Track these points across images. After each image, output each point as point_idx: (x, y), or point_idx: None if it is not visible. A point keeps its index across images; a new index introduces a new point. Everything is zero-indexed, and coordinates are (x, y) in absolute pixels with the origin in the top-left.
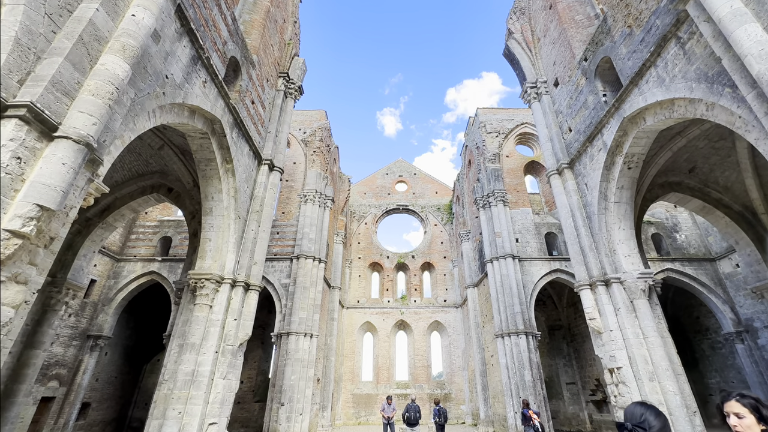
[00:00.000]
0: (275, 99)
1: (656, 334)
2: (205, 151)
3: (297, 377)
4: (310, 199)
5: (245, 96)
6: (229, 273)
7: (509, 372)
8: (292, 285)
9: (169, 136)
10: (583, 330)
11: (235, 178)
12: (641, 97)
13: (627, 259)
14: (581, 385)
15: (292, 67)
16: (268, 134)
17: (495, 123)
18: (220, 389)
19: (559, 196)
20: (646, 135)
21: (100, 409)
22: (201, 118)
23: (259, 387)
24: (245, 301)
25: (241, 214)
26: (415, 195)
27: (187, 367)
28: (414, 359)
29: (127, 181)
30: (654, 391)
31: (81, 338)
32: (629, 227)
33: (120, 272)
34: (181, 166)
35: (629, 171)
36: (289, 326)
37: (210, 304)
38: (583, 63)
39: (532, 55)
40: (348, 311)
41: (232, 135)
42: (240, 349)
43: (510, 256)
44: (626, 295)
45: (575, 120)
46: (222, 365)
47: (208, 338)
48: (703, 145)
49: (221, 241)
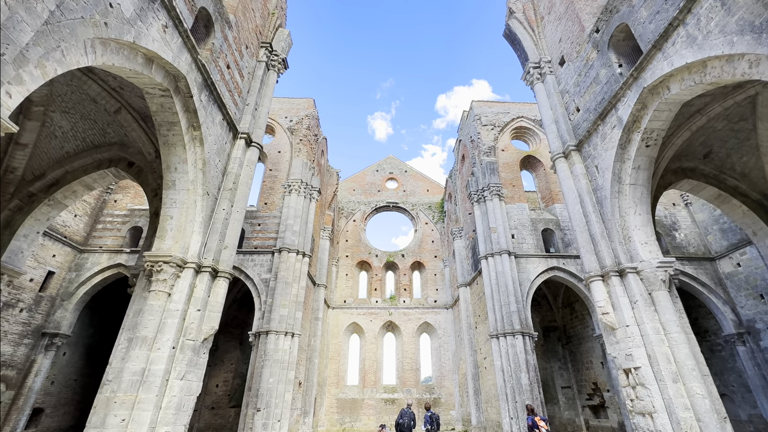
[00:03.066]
0: (256, 70)
1: (679, 330)
2: (167, 112)
3: (276, 380)
4: (295, 189)
5: (219, 57)
6: (193, 256)
7: (504, 375)
8: (273, 280)
9: (126, 97)
10: (579, 332)
11: (203, 148)
12: (666, 62)
13: (644, 247)
14: (577, 389)
15: (276, 38)
16: (246, 106)
17: (491, 116)
18: (177, 392)
19: (565, 181)
20: (668, 107)
21: (56, 415)
22: (160, 71)
23: (235, 391)
24: (212, 290)
25: (211, 191)
26: (406, 192)
27: (136, 366)
28: (402, 362)
29: (80, 152)
30: (678, 394)
31: (34, 336)
32: (646, 212)
33: (83, 264)
34: (141, 133)
35: (647, 149)
36: (268, 324)
37: (168, 291)
38: (594, 35)
39: (535, 35)
40: (334, 311)
41: (201, 97)
42: (204, 345)
43: (506, 252)
44: (644, 287)
45: (584, 98)
46: (180, 363)
47: (164, 331)
48: (721, 126)
49: (185, 220)
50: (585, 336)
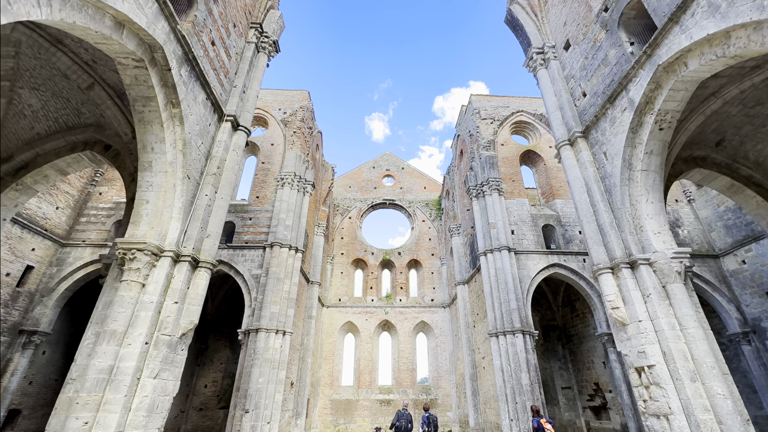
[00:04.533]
0: (245, 51)
1: (697, 325)
2: (142, 86)
3: (265, 380)
4: (288, 182)
5: (202, 32)
6: (171, 244)
7: (504, 375)
8: (264, 276)
9: (100, 71)
10: (580, 331)
11: (183, 127)
12: (684, 36)
13: (657, 237)
14: (578, 389)
15: (267, 19)
16: (234, 88)
17: (490, 109)
18: (149, 392)
19: (571, 169)
20: (685, 86)
21: (34, 417)
22: (133, 38)
23: (225, 392)
24: (192, 281)
25: (192, 174)
26: (403, 190)
27: (103, 362)
28: (398, 362)
29: (52, 134)
30: (697, 394)
31: (10, 334)
32: (658, 200)
33: (65, 259)
34: (116, 111)
35: (660, 132)
36: (258, 322)
37: (142, 281)
38: (602, 14)
39: (538, 20)
40: (328, 310)
41: (181, 72)
42: (182, 340)
43: (506, 248)
44: (657, 279)
45: (591, 82)
46: (153, 360)
47: (136, 325)
48: (736, 111)
49: (162, 204)
50: (586, 335)
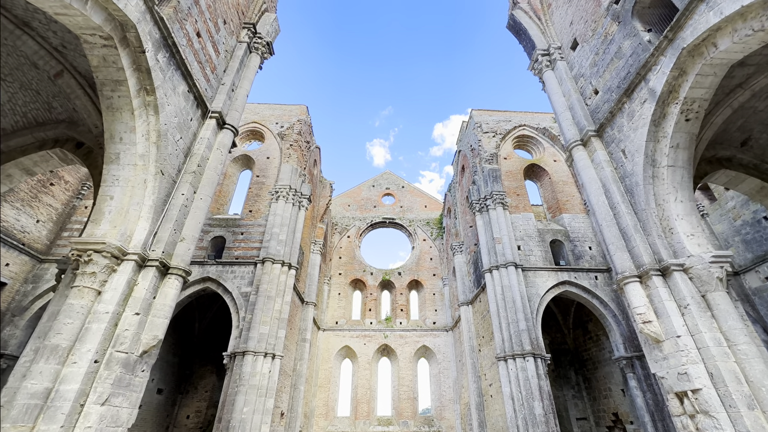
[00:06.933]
0: (236, 50)
1: (748, 340)
2: (111, 68)
3: (251, 409)
4: (283, 195)
5: (186, 20)
6: (136, 247)
7: (515, 403)
8: (254, 293)
9: (70, 58)
10: (594, 355)
11: (158, 118)
12: (712, 13)
13: (691, 240)
14: (594, 420)
15: (262, 21)
16: (222, 86)
17: (492, 123)
18: (94, 421)
19: (585, 171)
20: (714, 70)
21: None
22: (100, 11)
23: (209, 423)
24: (160, 290)
25: (167, 170)
26: (403, 209)
27: (38, 385)
28: (398, 391)
29: (19, 130)
30: (758, 426)
31: None
32: (689, 198)
33: (42, 276)
34: (87, 102)
35: (687, 124)
36: (245, 344)
37: (98, 288)
38: (613, 6)
39: (542, 23)
40: (325, 334)
41: (158, 57)
42: (144, 359)
43: (512, 264)
44: (695, 288)
45: (604, 77)
46: (103, 382)
47: (84, 339)
48: (763, 106)
49: (129, 201)
50: (601, 360)
